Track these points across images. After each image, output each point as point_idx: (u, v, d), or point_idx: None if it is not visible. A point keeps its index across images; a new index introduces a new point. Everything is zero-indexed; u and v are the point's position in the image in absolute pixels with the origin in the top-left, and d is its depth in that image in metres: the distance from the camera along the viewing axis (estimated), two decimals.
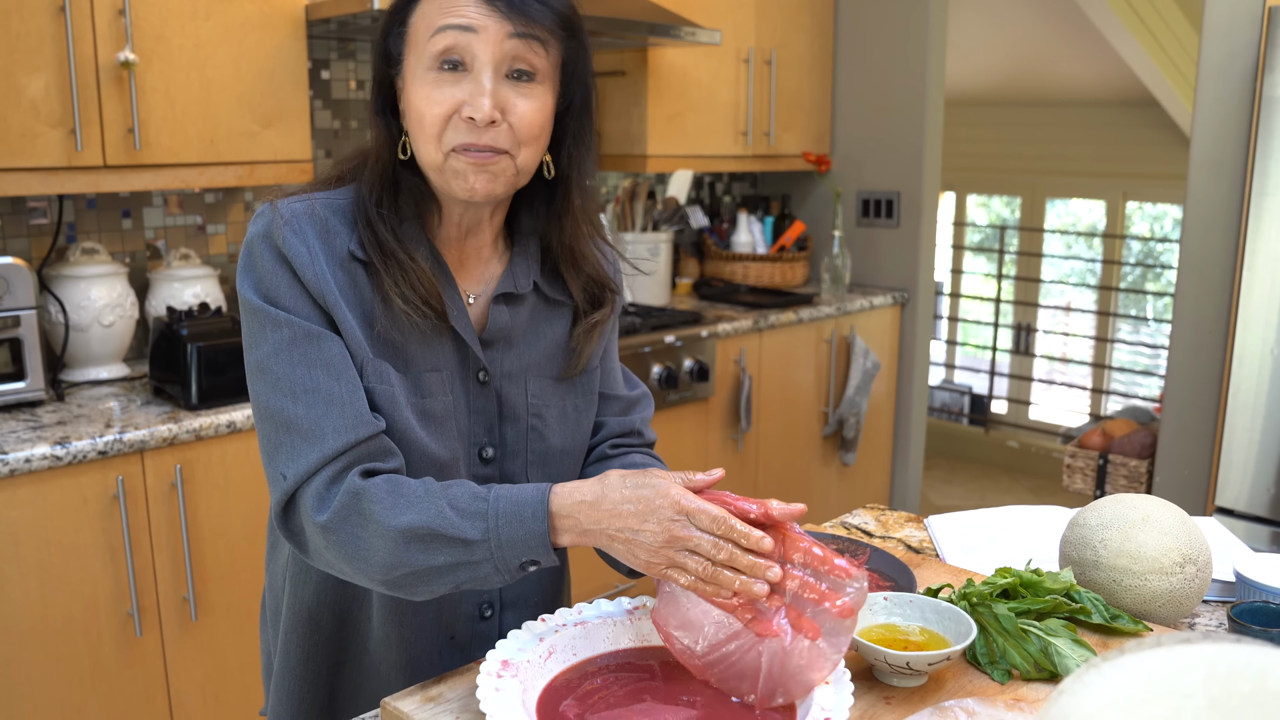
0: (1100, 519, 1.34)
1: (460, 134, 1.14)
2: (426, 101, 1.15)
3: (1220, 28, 2.88)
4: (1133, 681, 0.68)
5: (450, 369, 1.24)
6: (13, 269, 2.26)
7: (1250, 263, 2.67)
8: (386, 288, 1.17)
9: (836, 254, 4.00)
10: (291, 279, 1.16)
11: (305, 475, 1.13)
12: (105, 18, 2.31)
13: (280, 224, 1.17)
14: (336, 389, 1.14)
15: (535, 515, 1.09)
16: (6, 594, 2.05)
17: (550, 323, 1.32)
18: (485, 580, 1.11)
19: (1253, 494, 2.73)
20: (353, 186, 1.25)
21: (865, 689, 1.12)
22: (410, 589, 1.13)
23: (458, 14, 1.13)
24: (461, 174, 1.16)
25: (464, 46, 1.13)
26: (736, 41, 3.74)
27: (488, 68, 1.14)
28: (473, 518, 1.09)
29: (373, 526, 1.10)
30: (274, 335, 1.15)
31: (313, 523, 1.12)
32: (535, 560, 1.10)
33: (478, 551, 1.09)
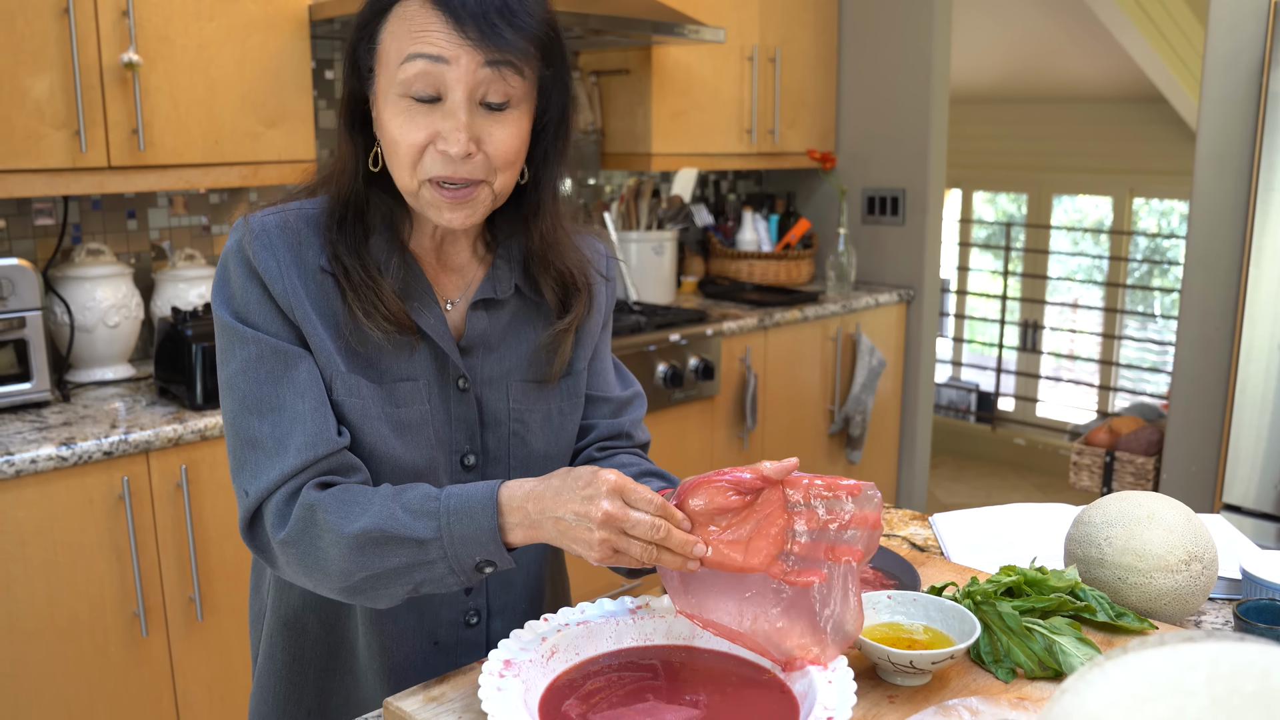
0: (1105, 516, 1.33)
1: (436, 165, 1.12)
2: (400, 131, 1.12)
3: (1225, 23, 2.87)
4: (1136, 680, 0.68)
5: (428, 377, 1.23)
6: (18, 270, 2.27)
7: (1257, 258, 2.66)
8: (351, 304, 1.17)
9: (841, 251, 4.00)
10: (262, 294, 1.16)
11: (266, 492, 1.13)
12: (109, 19, 2.31)
13: (251, 238, 1.17)
14: (300, 406, 1.14)
15: (485, 510, 1.08)
16: (13, 594, 2.05)
17: (532, 325, 1.30)
18: (441, 581, 1.10)
19: (1260, 490, 2.72)
20: (325, 197, 1.23)
21: (869, 688, 1.12)
22: (370, 594, 1.12)
23: (428, 42, 1.09)
24: (436, 206, 1.15)
25: (436, 76, 1.10)
26: (741, 39, 3.74)
27: (461, 100, 1.11)
28: (424, 517, 1.09)
29: (328, 536, 1.10)
30: (242, 352, 1.16)
31: (274, 539, 1.13)
32: (490, 561, 1.09)
33: (431, 550, 1.08)
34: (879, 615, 1.20)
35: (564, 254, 1.30)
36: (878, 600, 1.21)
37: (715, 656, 1.16)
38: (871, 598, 1.21)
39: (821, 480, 1.09)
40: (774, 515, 1.08)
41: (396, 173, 1.15)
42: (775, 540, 1.08)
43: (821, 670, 1.07)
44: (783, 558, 1.08)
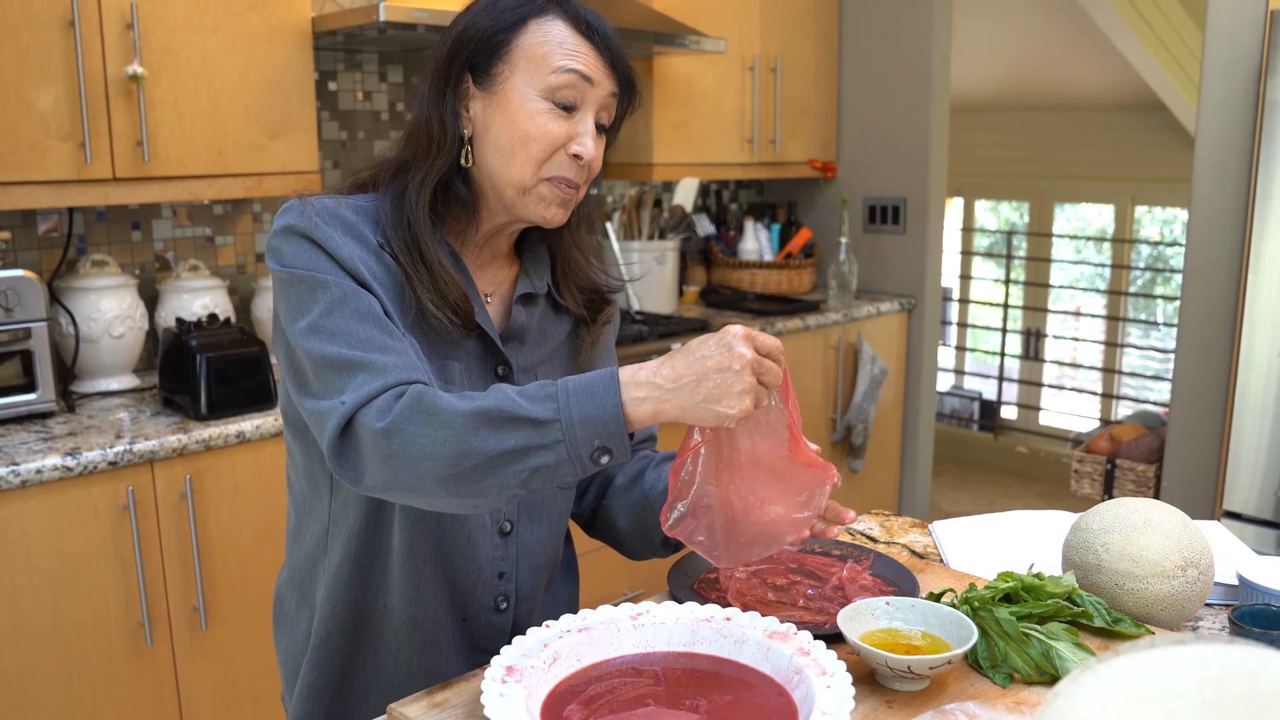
0: (1102, 523, 1.34)
1: (562, 167, 1.26)
2: (541, 129, 1.24)
3: (1223, 32, 2.89)
4: (1127, 683, 0.69)
5: (469, 362, 1.31)
6: (23, 281, 2.28)
7: (1256, 266, 2.67)
8: (418, 291, 1.24)
9: (843, 260, 4.01)
10: (327, 257, 1.21)
11: (368, 397, 1.13)
12: (114, 31, 2.33)
13: (311, 213, 1.23)
14: (391, 341, 1.18)
15: (606, 389, 1.10)
16: (19, 603, 2.06)
17: (556, 324, 1.41)
18: (556, 469, 1.10)
19: (1261, 497, 2.73)
20: (374, 194, 1.30)
21: (867, 693, 1.13)
22: (477, 483, 1.10)
23: (582, 61, 1.25)
24: (546, 201, 1.27)
25: (580, 91, 1.25)
26: (742, 49, 3.76)
27: (590, 114, 1.27)
28: (542, 400, 1.10)
29: (440, 417, 1.09)
30: (324, 297, 1.19)
31: (373, 431, 1.11)
32: (607, 448, 1.10)
33: (550, 432, 1.09)
34: (878, 621, 1.21)
35: (587, 263, 1.43)
36: (876, 606, 1.22)
37: (715, 662, 1.17)
38: (870, 604, 1.22)
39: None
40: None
41: (517, 169, 1.25)
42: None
43: (822, 676, 1.08)
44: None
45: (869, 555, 1.49)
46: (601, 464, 1.11)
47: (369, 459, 1.12)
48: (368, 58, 3.18)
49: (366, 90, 3.19)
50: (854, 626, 1.19)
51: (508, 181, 1.26)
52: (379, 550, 1.31)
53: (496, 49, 1.26)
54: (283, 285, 1.23)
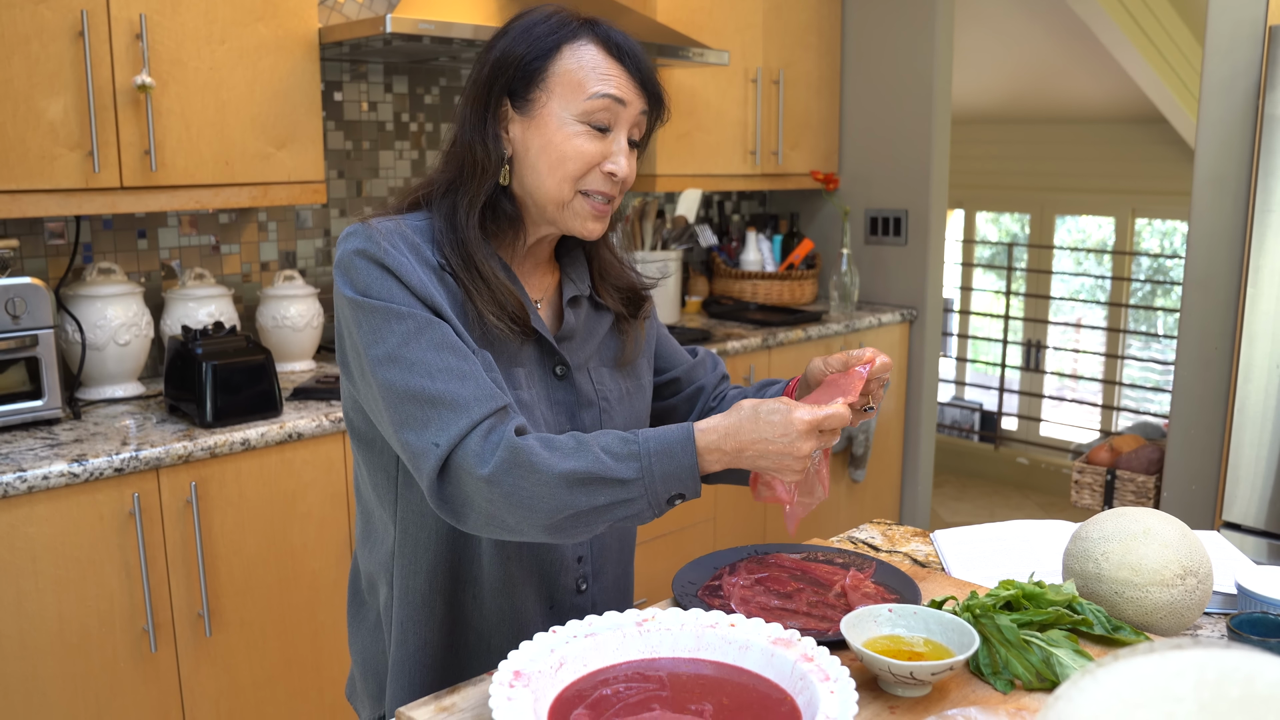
0: (1102, 532, 1.36)
1: (598, 182, 1.35)
2: (577, 150, 1.32)
3: (1222, 47, 2.91)
4: (1126, 687, 0.70)
5: (530, 365, 1.39)
6: (30, 289, 2.30)
7: (1255, 278, 2.69)
8: (478, 303, 1.31)
9: (845, 272, 4.02)
10: (397, 284, 1.28)
11: (458, 439, 1.22)
12: (123, 42, 2.35)
13: (379, 238, 1.29)
14: (467, 367, 1.26)
15: (684, 450, 1.23)
16: (24, 609, 2.08)
17: (599, 321, 1.49)
18: (638, 516, 1.24)
19: (1260, 508, 2.74)
20: (425, 213, 1.38)
21: (870, 699, 1.14)
22: (570, 531, 1.24)
23: (611, 83, 1.33)
24: (583, 216, 1.36)
25: (614, 113, 1.33)
26: (744, 62, 3.78)
27: (624, 133, 1.35)
28: (626, 459, 1.23)
29: (537, 475, 1.20)
30: (399, 327, 1.26)
31: (476, 477, 1.21)
32: (682, 494, 1.24)
33: (633, 489, 1.22)
34: (880, 628, 1.23)
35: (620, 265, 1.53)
36: (879, 614, 1.23)
37: (720, 668, 1.19)
38: (873, 611, 1.23)
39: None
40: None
41: (554, 184, 1.34)
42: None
43: (825, 682, 1.10)
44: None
45: (871, 563, 1.50)
46: (675, 504, 1.26)
47: (473, 502, 1.23)
48: (373, 68, 3.20)
49: (372, 101, 3.21)
50: (857, 633, 1.20)
51: (547, 198, 1.34)
52: (466, 552, 1.39)
53: (533, 75, 1.33)
54: (356, 311, 1.28)
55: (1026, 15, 4.83)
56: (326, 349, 3.13)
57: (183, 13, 2.43)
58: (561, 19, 1.35)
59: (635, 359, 1.52)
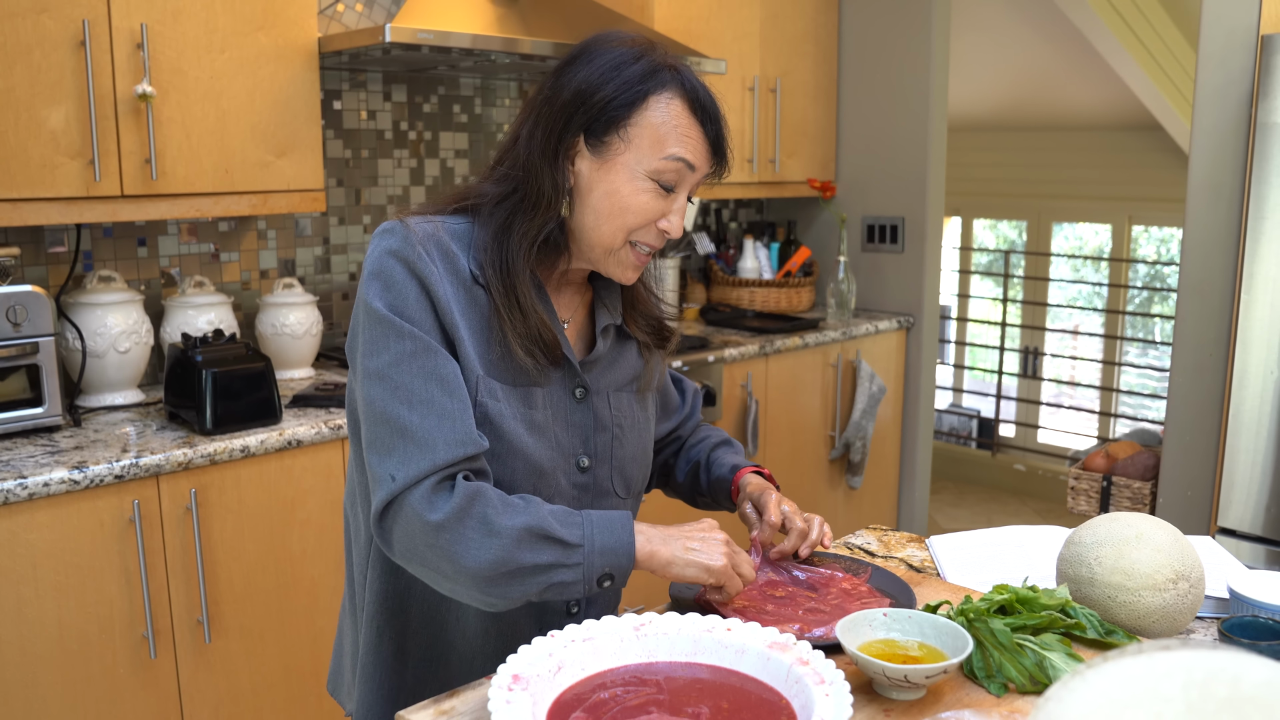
0: (1095, 537, 1.37)
1: (651, 237, 1.34)
2: (643, 205, 1.31)
3: (1216, 55, 2.92)
4: (1115, 688, 0.71)
5: (551, 385, 1.38)
6: (31, 297, 2.31)
7: (1249, 285, 2.70)
8: (508, 332, 1.30)
9: (842, 279, 4.04)
10: (420, 294, 1.27)
11: (414, 479, 1.21)
12: (124, 51, 2.36)
13: (414, 241, 1.28)
14: (450, 405, 1.24)
15: (624, 526, 1.26)
16: (24, 616, 2.08)
17: (625, 349, 1.49)
18: (568, 587, 1.23)
19: (1255, 514, 2.75)
20: (469, 219, 1.36)
21: (864, 702, 1.15)
22: (503, 588, 1.21)
23: (691, 150, 1.31)
24: (624, 265, 1.35)
25: (683, 175, 1.32)
26: (742, 70, 3.79)
27: (685, 193, 1.34)
28: (571, 525, 1.24)
29: (492, 527, 1.20)
30: (397, 345, 1.26)
31: (424, 521, 1.20)
32: (611, 575, 1.25)
33: (574, 555, 1.22)
34: (875, 632, 1.24)
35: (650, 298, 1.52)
36: (874, 618, 1.24)
37: (716, 672, 1.20)
38: (868, 615, 1.25)
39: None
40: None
41: (609, 233, 1.33)
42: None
43: (820, 685, 1.11)
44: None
45: (867, 568, 1.51)
46: (603, 588, 1.25)
47: (413, 544, 1.22)
48: (372, 77, 3.21)
49: (371, 109, 3.22)
50: (852, 637, 1.21)
51: (597, 241, 1.33)
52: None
53: (615, 121, 1.30)
54: (368, 316, 1.28)
55: (1023, 23, 4.86)
56: (326, 356, 3.14)
57: (183, 22, 2.45)
58: (651, 64, 1.30)
59: (654, 387, 1.53)
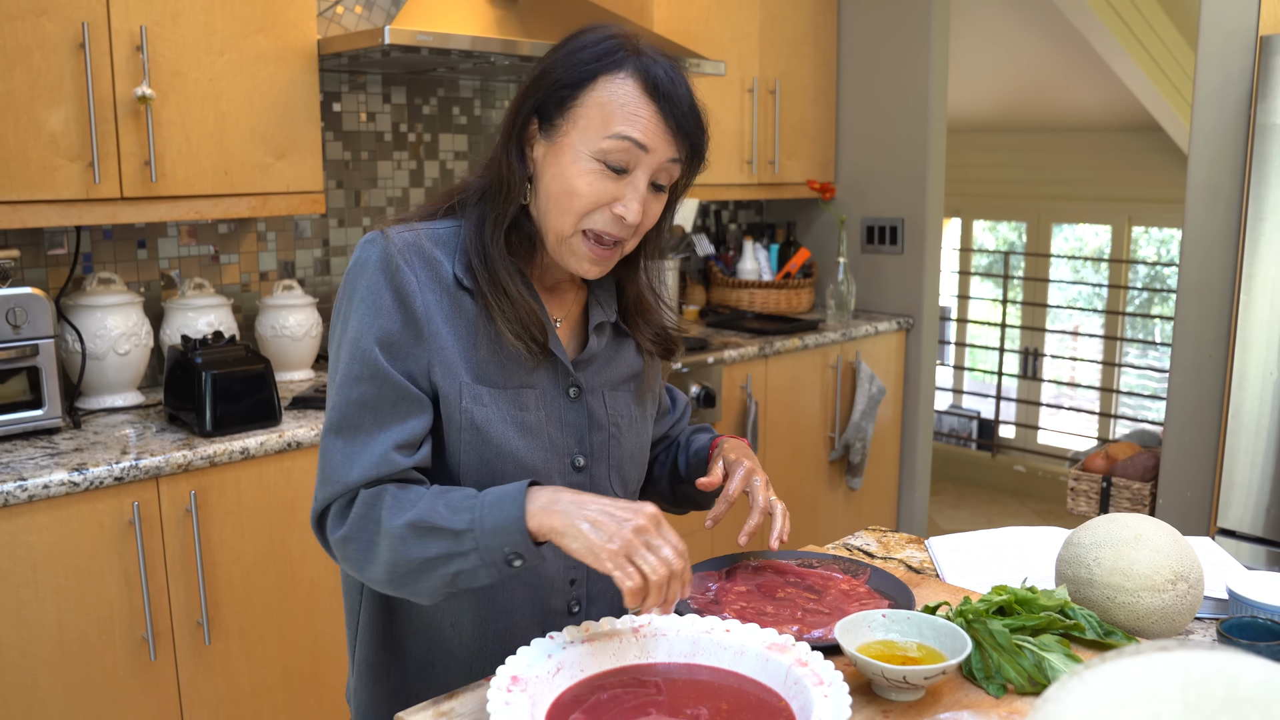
0: (1094, 538, 1.37)
1: (603, 222, 1.28)
2: (587, 187, 1.26)
3: (1215, 56, 2.92)
4: (1113, 688, 0.71)
5: (544, 386, 1.36)
6: (31, 299, 2.31)
7: (1248, 286, 2.71)
8: (498, 320, 1.29)
9: (841, 280, 4.04)
10: (395, 306, 1.27)
11: (332, 498, 1.26)
12: (123, 54, 2.36)
13: (394, 252, 1.27)
14: (378, 434, 1.25)
15: (514, 500, 1.17)
16: (24, 618, 2.08)
17: (622, 348, 1.47)
18: (475, 573, 1.18)
19: (1255, 515, 2.75)
20: (454, 220, 1.35)
21: (863, 703, 1.15)
22: (412, 586, 1.22)
23: (639, 128, 1.25)
24: (579, 257, 1.30)
25: (633, 156, 1.26)
26: (741, 72, 3.80)
27: (644, 178, 1.27)
28: (462, 510, 1.19)
29: (379, 527, 1.21)
30: (350, 369, 1.27)
31: (333, 538, 1.26)
32: (518, 553, 1.17)
33: (465, 541, 1.17)
34: (874, 633, 1.24)
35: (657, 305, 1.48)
36: (873, 619, 1.25)
37: (714, 673, 1.20)
38: (867, 616, 1.25)
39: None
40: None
41: (559, 216, 1.28)
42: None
43: (819, 686, 1.11)
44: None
45: (866, 569, 1.51)
46: (516, 567, 1.18)
47: (333, 554, 1.28)
48: (371, 79, 3.21)
49: (370, 111, 3.23)
50: (851, 638, 1.21)
51: (551, 228, 1.30)
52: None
53: (563, 102, 1.28)
54: (340, 329, 1.30)
55: (1022, 24, 4.86)
56: (325, 358, 3.15)
57: (183, 24, 2.45)
58: (610, 46, 1.27)
59: (653, 388, 1.51)
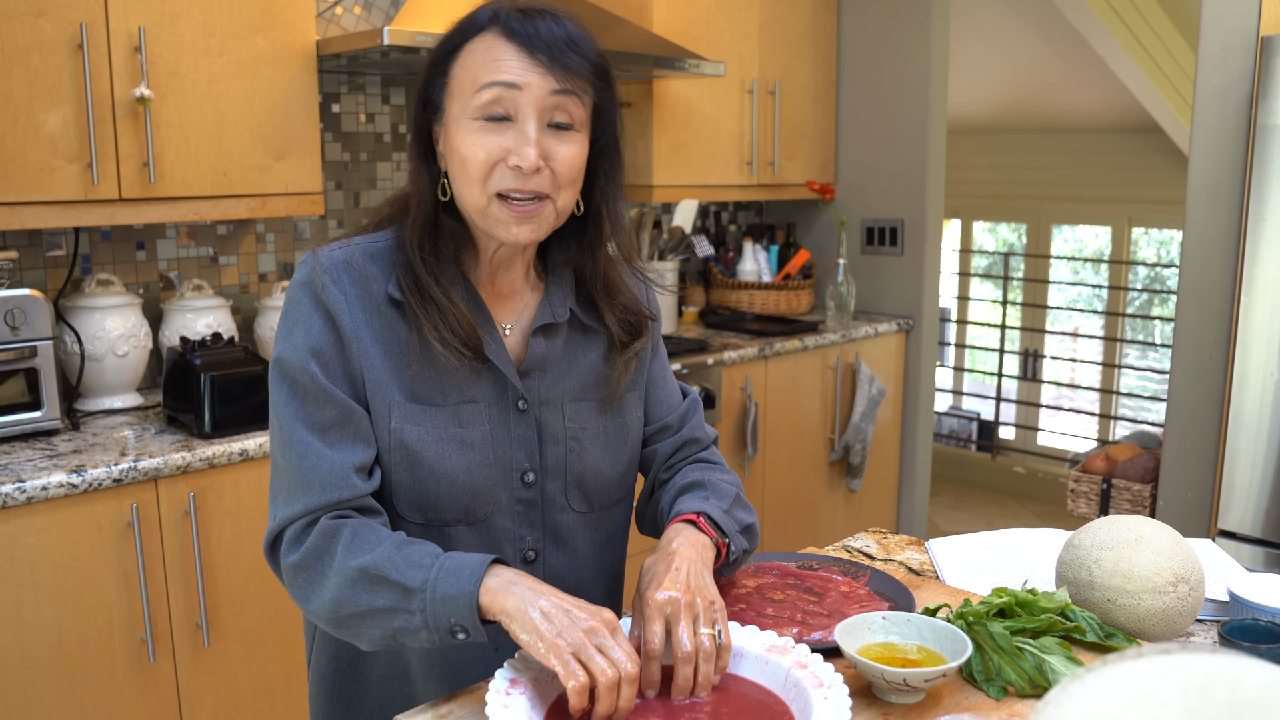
0: (1095, 539, 1.36)
1: (506, 180, 1.20)
2: (473, 148, 1.20)
3: (1215, 57, 2.92)
4: (1114, 691, 0.70)
5: (488, 399, 1.30)
6: (30, 300, 2.31)
7: (1249, 287, 2.70)
8: (426, 330, 1.23)
9: (841, 281, 4.04)
10: (324, 327, 1.24)
11: (289, 520, 1.21)
12: (122, 55, 2.36)
13: (320, 272, 1.24)
14: (326, 452, 1.21)
15: (471, 575, 1.12)
16: (23, 620, 2.08)
17: (585, 350, 1.38)
18: (416, 635, 1.14)
19: (1255, 517, 2.75)
20: (392, 230, 1.31)
21: (863, 705, 1.15)
22: (352, 630, 1.18)
23: (503, 70, 1.19)
24: (505, 223, 1.22)
25: (509, 100, 1.20)
26: (740, 72, 3.79)
27: (531, 119, 1.20)
28: (418, 569, 1.14)
29: (333, 565, 1.17)
30: (288, 388, 1.24)
31: (285, 563, 1.21)
32: (463, 626, 1.11)
33: (414, 601, 1.13)
34: (874, 635, 1.23)
35: (624, 284, 1.39)
36: (873, 621, 1.24)
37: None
38: (867, 618, 1.24)
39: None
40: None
41: (467, 190, 1.23)
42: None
43: (819, 689, 1.11)
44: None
45: (866, 571, 1.51)
46: (459, 639, 1.13)
47: (283, 579, 1.23)
48: (370, 80, 3.21)
49: (369, 112, 3.22)
50: (851, 640, 1.21)
51: (470, 208, 1.24)
52: None
53: (437, 80, 1.26)
54: (276, 344, 1.27)
55: (1022, 25, 4.86)
56: None
57: (181, 25, 2.45)
58: (471, 15, 1.24)
59: (621, 396, 1.40)
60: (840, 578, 1.49)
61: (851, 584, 1.47)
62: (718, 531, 1.31)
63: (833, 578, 1.49)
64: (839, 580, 1.48)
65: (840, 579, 1.49)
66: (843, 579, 1.49)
